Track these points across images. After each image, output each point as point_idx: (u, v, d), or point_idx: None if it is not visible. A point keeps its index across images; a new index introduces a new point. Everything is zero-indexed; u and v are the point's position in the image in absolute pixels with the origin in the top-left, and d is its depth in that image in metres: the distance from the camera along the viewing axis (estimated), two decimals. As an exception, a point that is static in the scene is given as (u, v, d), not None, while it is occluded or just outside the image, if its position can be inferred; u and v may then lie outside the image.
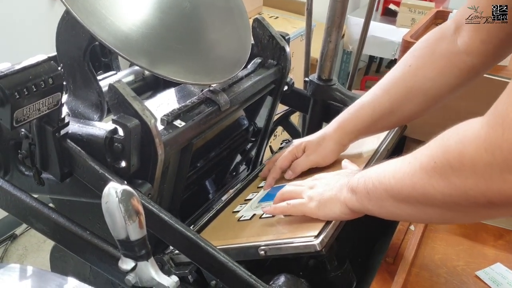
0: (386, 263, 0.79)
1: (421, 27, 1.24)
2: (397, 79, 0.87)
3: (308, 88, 1.21)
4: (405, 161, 0.61)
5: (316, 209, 0.74)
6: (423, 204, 0.59)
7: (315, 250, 0.69)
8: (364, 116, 0.89)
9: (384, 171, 0.65)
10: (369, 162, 0.89)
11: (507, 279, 0.77)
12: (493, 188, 0.49)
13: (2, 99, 0.61)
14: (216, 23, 0.96)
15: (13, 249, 2.17)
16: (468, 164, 0.50)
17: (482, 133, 0.49)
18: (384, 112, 0.87)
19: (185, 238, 0.71)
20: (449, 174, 0.53)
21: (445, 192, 0.54)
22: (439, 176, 0.54)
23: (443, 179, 0.54)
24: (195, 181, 1.01)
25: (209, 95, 0.89)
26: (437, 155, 0.55)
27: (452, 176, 0.52)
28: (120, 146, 0.73)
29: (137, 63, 0.76)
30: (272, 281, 0.72)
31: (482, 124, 0.50)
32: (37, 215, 0.78)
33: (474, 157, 0.50)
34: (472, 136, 0.51)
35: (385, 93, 0.87)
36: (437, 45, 0.82)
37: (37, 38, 1.83)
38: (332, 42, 1.17)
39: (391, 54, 3.07)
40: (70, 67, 0.82)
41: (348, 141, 0.91)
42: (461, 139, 0.52)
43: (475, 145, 0.50)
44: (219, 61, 0.92)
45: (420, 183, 0.57)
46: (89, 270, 1.04)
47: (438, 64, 0.81)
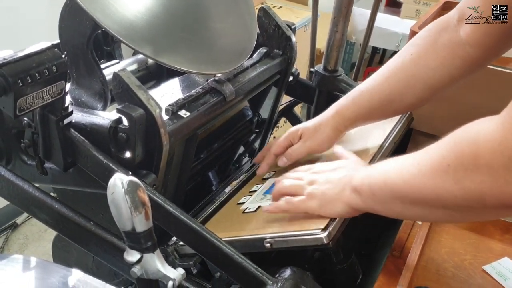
0: (392, 257, 0.79)
1: (429, 18, 1.22)
2: (398, 68, 0.85)
3: (314, 79, 1.20)
4: (414, 162, 0.59)
5: (317, 208, 0.73)
6: (433, 206, 0.58)
7: (322, 243, 0.68)
8: (363, 103, 0.87)
9: (390, 171, 0.63)
10: (375, 156, 0.88)
11: (514, 273, 0.76)
12: (508, 191, 0.48)
13: (5, 87, 0.59)
14: (222, 12, 0.94)
15: (14, 238, 2.17)
16: (484, 167, 0.49)
17: (497, 136, 0.48)
18: (383, 99, 0.85)
19: (191, 229, 0.70)
20: (462, 176, 0.52)
21: (457, 194, 0.53)
22: (452, 178, 0.53)
23: (456, 182, 0.52)
24: (198, 172, 1.00)
25: (214, 85, 0.88)
26: (450, 157, 0.53)
27: (466, 179, 0.51)
28: (125, 136, 0.71)
29: (141, 51, 0.74)
30: (277, 274, 0.71)
31: (497, 125, 0.49)
32: (39, 205, 0.77)
33: (489, 160, 0.48)
34: (487, 138, 0.49)
35: (385, 81, 0.86)
36: (440, 35, 0.80)
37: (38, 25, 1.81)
38: (339, 32, 1.15)
39: (394, 45, 3.04)
40: (73, 55, 0.81)
41: (345, 127, 0.89)
42: (475, 141, 0.51)
43: (491, 148, 0.48)
44: (224, 50, 0.91)
45: (431, 185, 0.56)
46: (91, 261, 1.04)
47: (440, 54, 0.80)
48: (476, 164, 0.50)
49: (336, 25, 1.15)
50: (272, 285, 0.67)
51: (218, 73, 0.90)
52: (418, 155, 0.59)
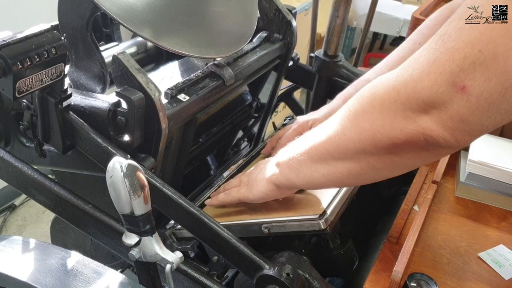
0: (389, 243, 0.79)
1: (431, 4, 1.21)
2: (404, 57, 0.85)
3: (314, 64, 1.19)
4: (326, 122, 0.62)
5: (247, 192, 0.76)
6: (336, 158, 0.60)
7: (319, 228, 0.69)
8: None
9: (306, 136, 0.66)
10: None
11: (509, 260, 0.77)
12: (396, 127, 0.51)
13: (4, 69, 0.59)
14: (223, -6, 0.93)
15: (12, 219, 2.18)
16: (377, 104, 0.52)
17: (394, 74, 0.52)
18: None
19: (189, 213, 0.70)
20: (360, 118, 0.55)
21: (354, 138, 0.56)
22: (350, 123, 0.56)
23: (353, 125, 0.56)
24: (197, 156, 1.00)
25: (213, 69, 0.87)
26: (352, 103, 0.57)
27: (362, 120, 0.54)
28: (124, 120, 0.71)
29: (141, 34, 0.74)
30: (274, 258, 0.72)
31: (394, 72, 0.53)
32: (38, 187, 0.77)
33: (383, 96, 0.52)
34: (383, 81, 0.53)
35: (391, 70, 0.86)
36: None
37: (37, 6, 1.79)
38: (340, 17, 1.14)
39: (395, 31, 3.03)
40: (72, 38, 0.80)
41: None
42: (376, 84, 0.54)
43: (386, 86, 0.52)
44: (224, 34, 0.90)
45: (333, 135, 0.59)
46: (89, 243, 1.04)
47: None
48: (372, 103, 0.53)
49: (337, 9, 1.14)
50: (269, 269, 0.68)
51: (218, 57, 0.89)
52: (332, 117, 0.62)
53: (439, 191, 0.92)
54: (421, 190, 0.91)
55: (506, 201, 0.88)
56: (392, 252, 0.77)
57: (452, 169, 0.97)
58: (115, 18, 0.71)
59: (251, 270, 0.70)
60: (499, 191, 0.88)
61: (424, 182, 0.93)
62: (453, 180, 0.95)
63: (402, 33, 2.92)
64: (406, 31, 1.68)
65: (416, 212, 0.85)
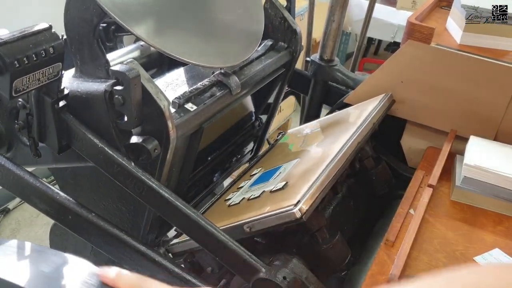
0: (385, 246, 0.79)
1: (426, 9, 1.21)
2: None
3: (310, 68, 1.20)
4: None
5: None
6: None
7: (295, 218, 0.69)
8: None
9: None
10: (352, 135, 0.89)
11: (505, 264, 0.77)
12: None
13: (1, 67, 0.59)
14: (230, 3, 0.93)
15: (6, 223, 2.16)
16: None
17: None
18: None
19: (186, 216, 0.70)
20: None
21: None
22: None
23: None
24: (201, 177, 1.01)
25: (220, 77, 0.86)
26: None
27: None
28: (121, 99, 0.69)
29: (152, 44, 0.73)
30: (270, 261, 0.72)
31: None
32: (40, 196, 0.75)
33: None
34: None
35: None
36: None
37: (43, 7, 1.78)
38: (336, 21, 1.15)
39: (390, 36, 3.04)
40: (78, 43, 0.77)
41: None
42: None
43: None
44: (232, 43, 0.89)
45: None
46: (90, 250, 1.03)
47: None
48: None
49: (333, 14, 1.15)
50: (265, 273, 0.67)
51: (225, 66, 0.88)
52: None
53: (434, 195, 0.92)
54: (417, 194, 0.91)
55: (501, 205, 0.88)
56: (388, 256, 0.77)
57: (448, 173, 0.97)
58: (127, 28, 0.69)
59: (248, 273, 0.69)
60: (494, 195, 0.88)
61: (420, 186, 0.93)
62: (449, 184, 0.95)
63: (396, 38, 2.92)
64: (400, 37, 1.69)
65: (412, 215, 0.85)
